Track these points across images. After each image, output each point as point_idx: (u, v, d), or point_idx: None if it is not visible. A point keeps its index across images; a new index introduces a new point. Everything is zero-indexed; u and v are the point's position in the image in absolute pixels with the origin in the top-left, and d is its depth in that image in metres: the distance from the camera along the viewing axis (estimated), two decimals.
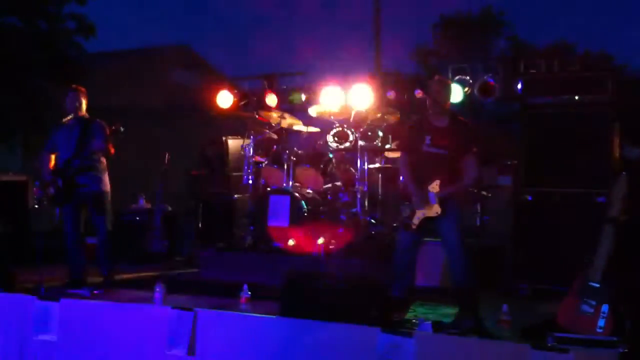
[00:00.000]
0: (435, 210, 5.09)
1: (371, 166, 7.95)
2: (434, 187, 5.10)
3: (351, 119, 8.03)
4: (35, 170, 7.03)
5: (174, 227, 8.75)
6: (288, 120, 8.18)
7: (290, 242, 7.07)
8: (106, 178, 6.52)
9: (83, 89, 6.60)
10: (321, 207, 7.56)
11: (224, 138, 9.08)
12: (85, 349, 4.82)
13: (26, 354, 4.95)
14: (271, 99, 8.81)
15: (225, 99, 9.00)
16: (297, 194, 7.33)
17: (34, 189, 6.48)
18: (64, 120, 6.52)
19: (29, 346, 4.94)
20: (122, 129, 6.37)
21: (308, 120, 8.54)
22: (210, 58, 24.21)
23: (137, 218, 8.79)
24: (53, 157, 6.53)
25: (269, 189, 7.75)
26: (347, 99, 8.10)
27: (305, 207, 7.32)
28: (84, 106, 6.54)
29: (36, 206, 6.42)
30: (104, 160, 6.51)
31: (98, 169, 6.45)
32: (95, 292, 6.00)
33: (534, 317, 5.01)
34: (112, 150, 6.40)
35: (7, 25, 14.19)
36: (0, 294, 5.19)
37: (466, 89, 7.56)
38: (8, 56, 13.39)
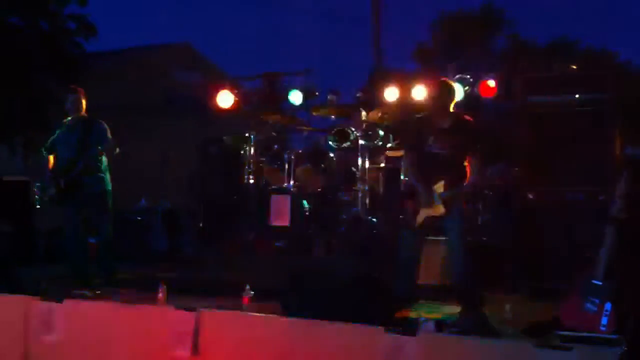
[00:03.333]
0: (438, 210, 5.09)
1: (372, 165, 7.94)
2: (439, 187, 5.10)
3: (352, 118, 8.03)
4: (37, 170, 7.04)
5: (175, 227, 8.76)
6: (289, 120, 8.18)
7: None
8: (108, 178, 6.53)
9: (82, 90, 6.60)
10: (322, 207, 7.56)
11: (224, 137, 9.08)
12: (89, 350, 4.82)
13: (30, 356, 4.96)
14: (272, 98, 8.81)
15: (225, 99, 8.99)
16: (298, 194, 7.33)
17: (35, 189, 6.49)
18: (65, 120, 6.53)
19: (33, 347, 4.94)
20: (119, 151, 6.38)
21: (309, 119, 8.54)
22: (211, 56, 24.22)
23: (139, 217, 8.80)
24: (52, 158, 6.53)
25: (269, 188, 7.75)
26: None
27: (306, 206, 7.32)
28: (84, 106, 6.54)
29: (38, 206, 6.42)
30: (105, 160, 6.52)
31: (100, 169, 6.46)
32: (97, 292, 6.00)
33: (537, 316, 5.01)
34: (117, 150, 6.40)
35: (9, 24, 14.20)
36: (4, 295, 5.20)
37: (466, 87, 7.56)
38: (9, 55, 13.39)
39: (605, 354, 3.85)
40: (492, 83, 7.40)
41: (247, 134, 8.14)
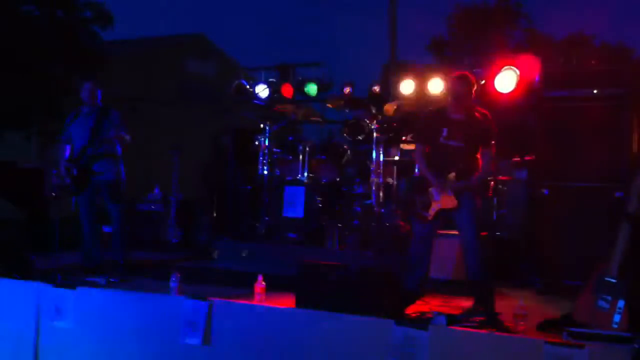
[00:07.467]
0: (451, 202, 5.07)
1: (386, 158, 7.91)
2: (451, 179, 5.08)
3: (366, 111, 8.00)
4: (52, 159, 7.08)
5: (189, 217, 8.78)
6: (303, 111, 8.17)
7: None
8: (121, 166, 6.56)
9: (96, 79, 6.65)
10: (336, 199, 7.56)
11: (238, 128, 9.09)
12: (100, 337, 4.86)
13: (42, 341, 5.01)
14: (286, 90, 8.80)
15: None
16: (311, 185, 7.32)
17: (52, 177, 6.52)
18: (80, 109, 6.57)
19: (45, 333, 4.99)
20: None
21: (323, 111, 8.52)
22: (225, 47, 24.21)
23: (152, 207, 8.83)
24: (69, 147, 6.57)
25: (283, 179, 7.76)
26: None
27: (320, 198, 7.32)
28: (99, 95, 6.57)
29: (53, 194, 6.45)
30: (119, 148, 6.55)
31: (113, 157, 6.49)
32: (111, 280, 6.03)
33: (549, 312, 4.99)
34: (128, 138, 6.45)
35: (25, 13, 14.25)
36: (17, 281, 5.25)
37: (482, 80, 7.51)
38: (25, 44, 13.43)
39: (617, 352, 3.83)
40: (507, 76, 7.34)
41: (261, 125, 8.14)
